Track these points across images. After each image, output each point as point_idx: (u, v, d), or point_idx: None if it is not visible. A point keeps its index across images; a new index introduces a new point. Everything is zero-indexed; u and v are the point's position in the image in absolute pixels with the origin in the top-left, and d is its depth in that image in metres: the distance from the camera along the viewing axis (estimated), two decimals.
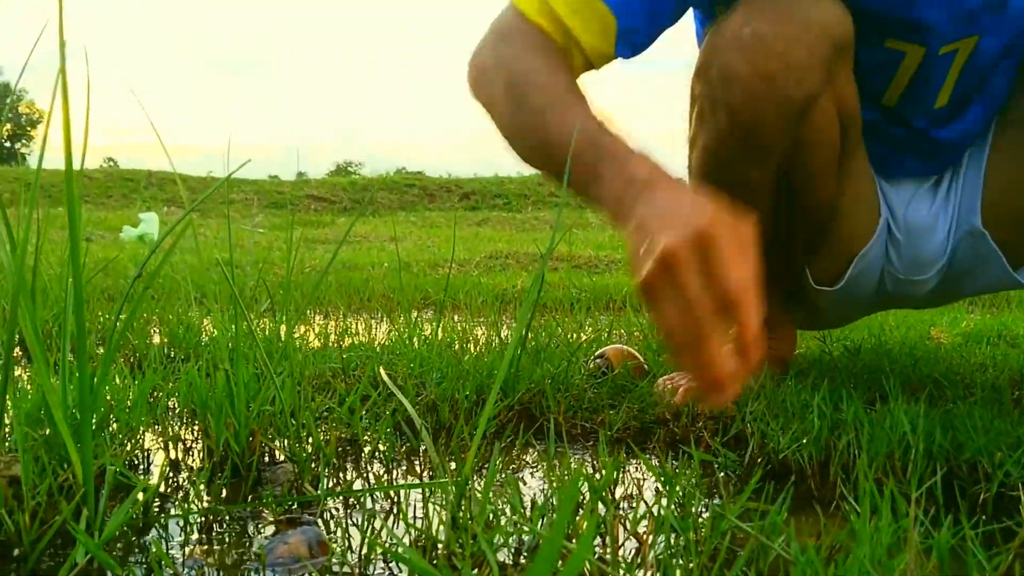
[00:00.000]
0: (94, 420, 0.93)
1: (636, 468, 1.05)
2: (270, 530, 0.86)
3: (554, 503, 0.75)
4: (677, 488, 0.75)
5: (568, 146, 0.92)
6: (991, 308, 2.66)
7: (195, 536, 0.85)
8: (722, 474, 1.00)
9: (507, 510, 0.75)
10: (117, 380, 1.15)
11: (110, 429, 1.00)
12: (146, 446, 1.08)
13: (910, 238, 1.32)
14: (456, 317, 2.50)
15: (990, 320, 2.20)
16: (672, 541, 0.66)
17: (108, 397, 1.03)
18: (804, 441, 0.96)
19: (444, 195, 13.14)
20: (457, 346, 1.78)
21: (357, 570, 0.75)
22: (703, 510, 0.75)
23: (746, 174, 1.19)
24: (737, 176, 1.19)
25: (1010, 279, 1.28)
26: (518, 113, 1.06)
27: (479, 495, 0.76)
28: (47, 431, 0.90)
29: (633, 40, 1.13)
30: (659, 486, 0.77)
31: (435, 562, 0.68)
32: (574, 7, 1.08)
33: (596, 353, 1.52)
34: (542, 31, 1.09)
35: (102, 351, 1.32)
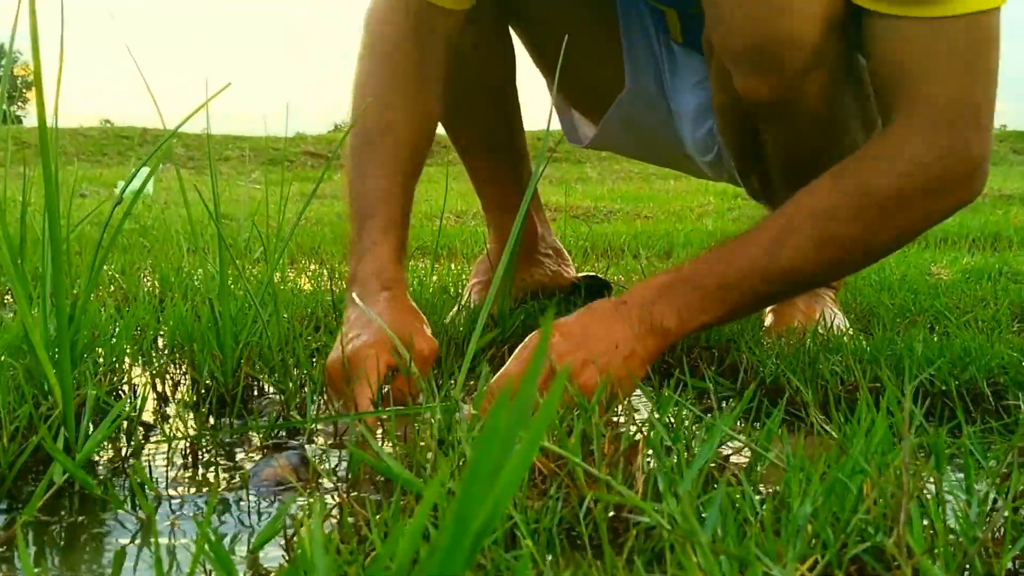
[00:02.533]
0: (76, 349, 0.91)
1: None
2: (256, 456, 0.85)
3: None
4: (669, 409, 0.74)
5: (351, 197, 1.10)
6: (992, 248, 2.64)
7: (179, 462, 0.83)
8: (716, 403, 0.98)
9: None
10: (102, 313, 1.13)
11: (94, 359, 0.98)
12: (132, 380, 1.06)
13: (683, 123, 1.35)
14: (452, 265, 2.48)
15: (991, 258, 2.18)
16: (662, 453, 0.64)
17: (92, 329, 1.01)
18: (796, 364, 0.95)
19: (441, 151, 13.00)
20: (452, 290, 1.76)
21: (344, 491, 0.74)
22: (695, 429, 0.73)
23: None
24: None
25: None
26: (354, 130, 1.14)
27: (468, 418, 0.75)
28: (27, 360, 0.88)
29: None
30: (650, 407, 0.76)
31: (423, 480, 0.67)
32: None
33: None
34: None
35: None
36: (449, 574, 0.27)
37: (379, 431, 0.88)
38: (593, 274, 1.63)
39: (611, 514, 0.56)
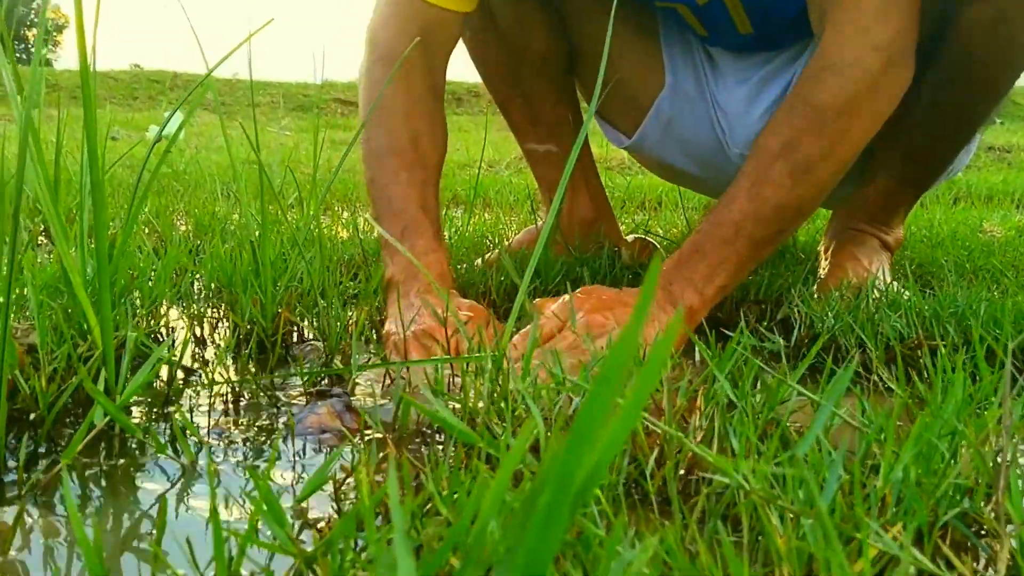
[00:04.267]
0: (115, 290, 0.89)
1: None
2: (300, 403, 0.83)
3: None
4: (728, 363, 0.70)
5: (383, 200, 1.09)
6: None
7: (220, 407, 0.81)
8: (769, 358, 0.95)
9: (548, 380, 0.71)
10: (140, 254, 1.11)
11: (132, 302, 0.96)
12: (170, 324, 1.05)
13: (729, 119, 1.35)
14: (487, 216, 2.45)
15: None
16: (725, 408, 0.61)
17: (129, 269, 0.99)
18: (856, 320, 0.91)
19: (472, 100, 12.92)
20: (488, 241, 1.73)
21: (390, 438, 0.71)
22: (755, 385, 0.70)
23: None
24: None
25: None
26: (367, 144, 1.14)
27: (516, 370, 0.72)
28: (65, 300, 0.87)
29: None
30: (707, 361, 0.73)
31: (475, 430, 0.64)
32: None
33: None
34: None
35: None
36: (550, 536, 0.24)
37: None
38: (639, 235, 1.59)
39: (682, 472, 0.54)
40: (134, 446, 0.71)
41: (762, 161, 0.98)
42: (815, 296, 1.08)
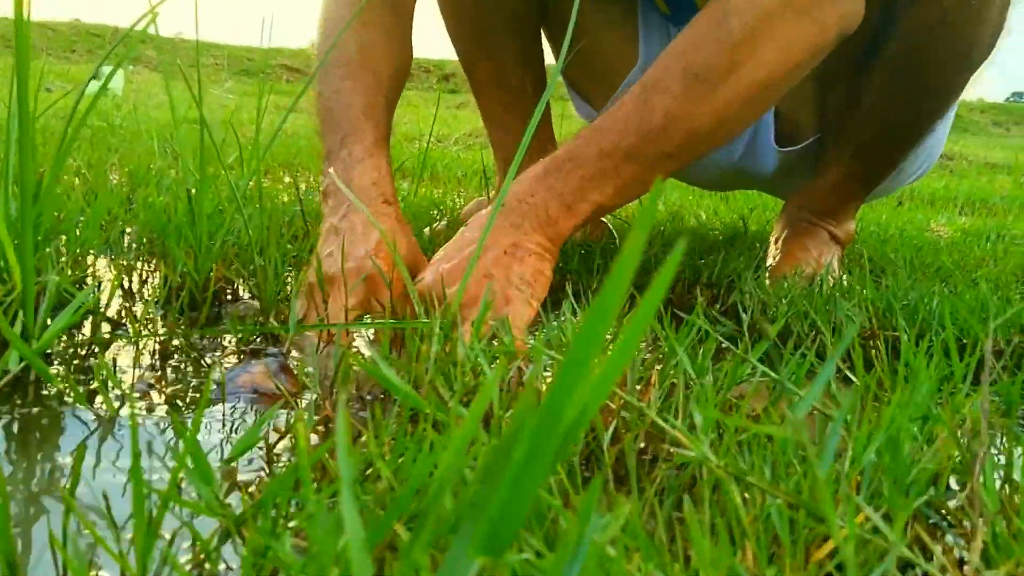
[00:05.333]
0: (39, 233, 0.83)
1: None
2: (232, 362, 0.79)
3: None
4: (686, 340, 0.68)
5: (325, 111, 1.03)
6: (983, 212, 2.61)
7: (146, 362, 0.77)
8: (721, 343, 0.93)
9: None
10: (68, 200, 1.05)
11: (57, 247, 0.90)
12: (97, 274, 0.99)
13: None
14: (435, 190, 2.40)
15: (988, 220, 2.15)
16: (683, 387, 0.59)
17: (56, 213, 0.93)
18: (810, 306, 0.90)
19: (422, 75, 12.79)
20: (435, 211, 1.69)
21: (328, 403, 0.67)
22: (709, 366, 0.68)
23: None
24: None
25: (771, 151, 1.33)
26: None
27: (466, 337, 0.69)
28: None
29: None
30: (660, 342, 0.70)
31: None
32: None
33: None
34: None
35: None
36: (534, 477, 0.21)
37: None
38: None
39: (641, 445, 0.51)
40: (52, 396, 0.66)
41: (657, 69, 0.88)
42: (767, 284, 1.07)
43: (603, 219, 1.49)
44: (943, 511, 0.46)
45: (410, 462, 0.44)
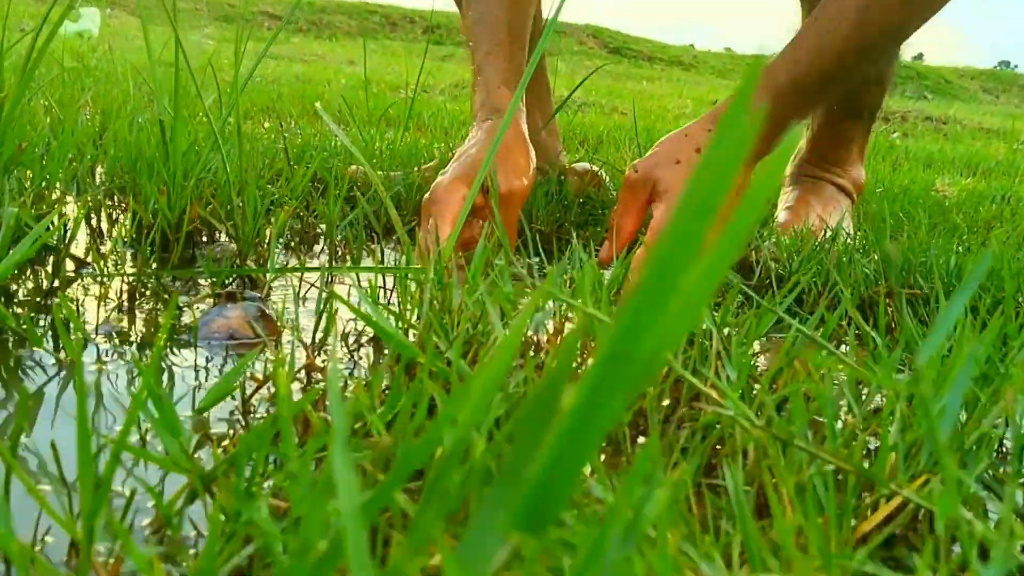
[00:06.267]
0: (0, 159, 0.77)
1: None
2: (205, 306, 0.73)
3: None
4: None
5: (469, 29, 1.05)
6: (983, 175, 2.56)
7: (113, 303, 0.71)
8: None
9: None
10: (32, 130, 0.98)
11: (19, 178, 0.84)
12: (63, 211, 0.92)
13: None
14: (421, 139, 2.33)
15: (992, 182, 2.11)
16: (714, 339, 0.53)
17: (19, 141, 0.86)
18: (824, 264, 0.85)
19: (407, 26, 12.54)
20: (423, 159, 1.62)
21: (310, 351, 0.62)
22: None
23: None
24: None
25: None
26: None
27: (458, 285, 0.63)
28: None
29: None
30: None
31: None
32: None
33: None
34: None
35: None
36: (595, 428, 0.16)
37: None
38: (584, 163, 1.50)
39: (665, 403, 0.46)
40: (8, 338, 0.60)
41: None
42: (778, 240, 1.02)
43: (598, 171, 1.43)
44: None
45: (407, 417, 0.39)
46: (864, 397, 0.46)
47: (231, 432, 0.50)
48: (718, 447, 0.43)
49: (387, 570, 0.18)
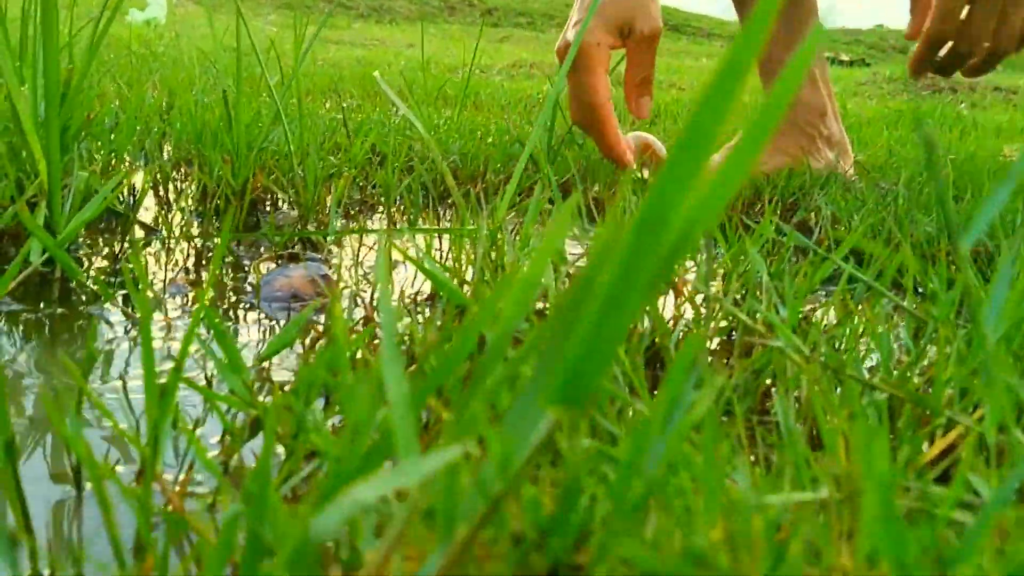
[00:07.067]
0: (68, 133, 0.80)
1: None
2: (268, 267, 0.75)
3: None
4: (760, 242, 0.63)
5: None
6: None
7: (180, 265, 0.73)
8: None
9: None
10: (99, 103, 1.01)
11: (89, 149, 0.87)
12: (131, 181, 0.95)
13: None
14: (478, 116, 2.34)
15: None
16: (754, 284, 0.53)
17: (88, 111, 0.88)
18: (883, 221, 0.83)
19: (465, 9, 12.57)
20: (479, 135, 1.63)
21: (370, 310, 0.63)
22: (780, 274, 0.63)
23: None
24: None
25: None
26: None
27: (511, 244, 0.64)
28: (13, 139, 0.77)
29: None
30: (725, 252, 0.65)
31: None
32: None
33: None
34: None
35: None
36: (628, 305, 0.16)
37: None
38: (639, 132, 1.49)
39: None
40: (80, 295, 0.62)
41: None
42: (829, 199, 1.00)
43: (653, 142, 1.42)
44: None
45: (457, 344, 0.39)
46: (921, 342, 0.46)
47: (291, 380, 0.52)
48: (772, 388, 0.43)
49: (434, 449, 0.19)
